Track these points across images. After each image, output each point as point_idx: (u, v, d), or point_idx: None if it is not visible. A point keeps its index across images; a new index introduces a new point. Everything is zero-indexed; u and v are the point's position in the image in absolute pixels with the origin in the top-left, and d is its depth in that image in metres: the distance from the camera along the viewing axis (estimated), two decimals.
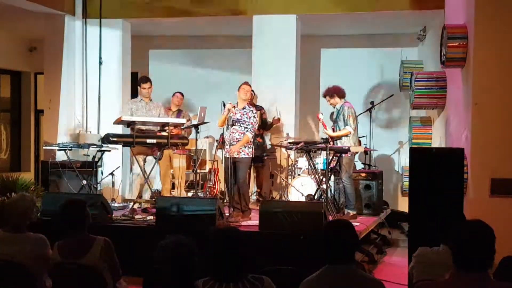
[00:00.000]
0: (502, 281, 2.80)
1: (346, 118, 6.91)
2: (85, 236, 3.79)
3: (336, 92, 7.07)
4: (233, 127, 6.58)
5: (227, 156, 6.60)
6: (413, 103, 7.40)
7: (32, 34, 10.54)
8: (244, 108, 6.68)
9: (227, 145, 6.65)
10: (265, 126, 8.35)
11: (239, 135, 6.60)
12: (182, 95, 8.41)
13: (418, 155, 5.03)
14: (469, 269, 2.51)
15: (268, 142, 8.67)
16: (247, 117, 6.61)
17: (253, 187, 8.31)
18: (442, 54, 6.28)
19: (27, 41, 11.04)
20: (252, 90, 8.22)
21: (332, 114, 7.32)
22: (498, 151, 5.53)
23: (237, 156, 6.57)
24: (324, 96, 7.18)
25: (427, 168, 4.85)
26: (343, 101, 7.08)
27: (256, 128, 6.84)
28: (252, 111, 6.71)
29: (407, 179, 5.81)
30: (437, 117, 7.73)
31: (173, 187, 8.04)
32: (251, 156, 6.75)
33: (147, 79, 7.49)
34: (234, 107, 6.61)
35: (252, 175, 8.28)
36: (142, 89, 7.39)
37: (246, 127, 6.60)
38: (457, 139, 6.20)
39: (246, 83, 6.89)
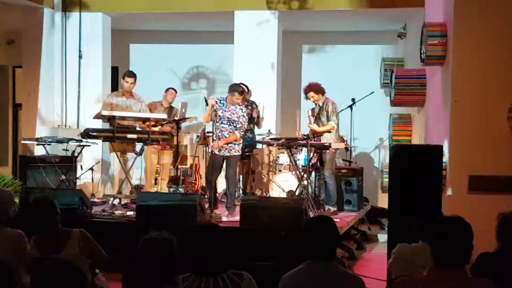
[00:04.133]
0: (478, 276, 2.84)
1: (330, 114, 6.96)
2: (61, 230, 3.78)
3: (319, 88, 7.11)
4: (222, 124, 6.54)
5: (216, 152, 6.54)
6: (393, 100, 7.45)
7: (10, 26, 10.36)
8: (234, 107, 6.63)
9: (215, 139, 6.61)
10: (255, 122, 8.33)
11: (228, 134, 6.56)
12: (175, 91, 8.34)
13: (398, 152, 5.07)
14: (446, 265, 2.54)
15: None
16: (236, 116, 6.56)
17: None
18: (422, 52, 6.33)
19: (5, 34, 10.85)
20: (246, 86, 8.16)
21: (312, 110, 7.32)
22: (476, 149, 5.60)
23: (228, 154, 6.55)
24: (307, 92, 7.18)
25: (406, 165, 4.89)
26: (325, 97, 7.13)
27: (245, 127, 6.80)
28: (242, 109, 6.65)
29: (387, 176, 5.86)
30: (417, 114, 7.79)
31: (155, 182, 8.00)
32: (240, 153, 6.74)
33: (131, 74, 7.42)
34: (216, 102, 6.58)
35: (241, 171, 8.26)
36: (124, 82, 7.34)
37: (235, 126, 6.57)
38: (437, 136, 6.26)
39: (239, 92, 6.52)
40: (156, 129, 7.10)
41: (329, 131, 6.97)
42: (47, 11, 8.91)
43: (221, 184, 7.76)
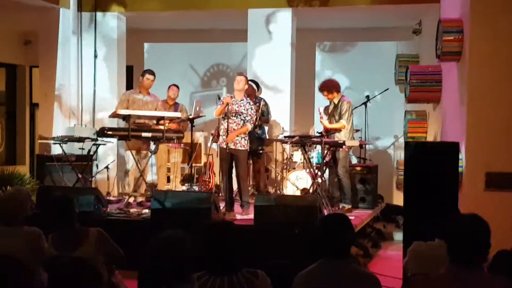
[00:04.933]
0: (496, 274, 2.81)
1: (342, 113, 6.95)
2: (78, 228, 3.81)
3: (335, 87, 7.11)
4: (231, 117, 6.57)
5: (224, 146, 6.55)
6: (409, 96, 7.40)
7: (27, 27, 10.48)
8: (242, 100, 6.66)
9: (222, 135, 6.63)
10: (262, 118, 8.32)
11: (236, 126, 6.58)
12: (178, 87, 8.37)
13: (413, 149, 5.04)
14: (464, 263, 2.52)
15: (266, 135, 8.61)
16: (244, 109, 6.59)
17: (250, 181, 8.30)
18: (437, 48, 6.28)
19: (22, 34, 10.97)
20: (256, 84, 8.18)
21: (326, 108, 7.31)
22: (492, 145, 5.54)
23: (233, 148, 6.54)
24: (322, 90, 7.18)
25: (422, 162, 4.86)
26: (340, 95, 7.12)
27: (255, 119, 6.84)
28: (249, 102, 6.69)
29: (402, 173, 5.83)
30: (432, 111, 7.73)
31: (168, 180, 8.04)
32: (247, 148, 6.73)
33: (152, 72, 7.43)
34: (232, 97, 6.61)
35: (250, 168, 8.27)
36: (145, 79, 7.31)
37: (244, 119, 6.58)
38: (452, 133, 6.20)
39: (239, 73, 6.87)
40: (163, 127, 7.10)
41: (339, 130, 6.96)
42: (63, 12, 8.98)
43: (234, 183, 7.78)
